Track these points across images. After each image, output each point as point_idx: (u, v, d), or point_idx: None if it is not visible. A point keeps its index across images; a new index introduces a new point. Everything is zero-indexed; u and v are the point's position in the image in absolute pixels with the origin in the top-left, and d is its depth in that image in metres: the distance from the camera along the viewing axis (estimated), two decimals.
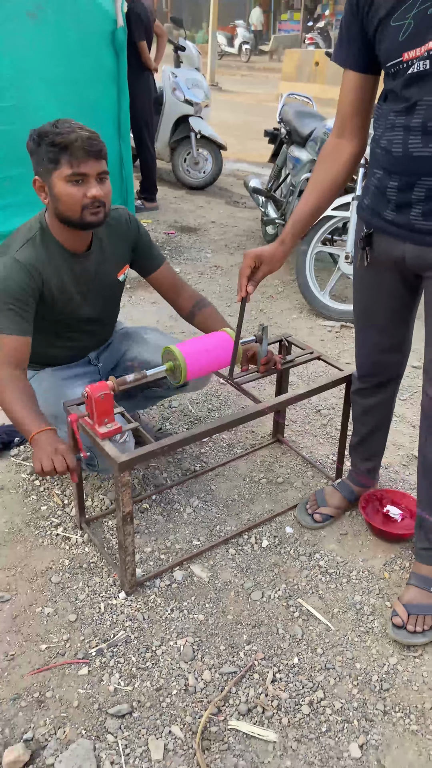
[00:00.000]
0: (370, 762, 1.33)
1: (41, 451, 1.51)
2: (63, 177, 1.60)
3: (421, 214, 1.34)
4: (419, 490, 1.63)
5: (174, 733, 1.37)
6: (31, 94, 3.66)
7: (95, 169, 1.62)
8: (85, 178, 1.61)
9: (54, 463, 1.48)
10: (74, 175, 1.60)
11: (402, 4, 1.24)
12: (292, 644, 1.58)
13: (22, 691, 1.44)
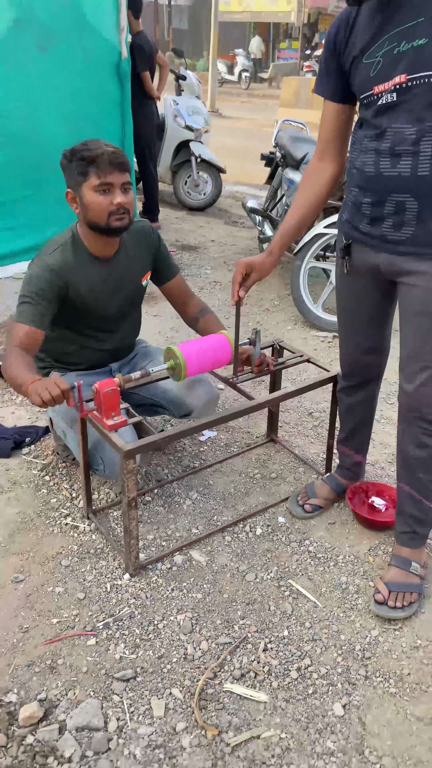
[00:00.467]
0: (352, 720, 1.47)
1: (36, 387, 1.61)
2: (91, 187, 1.80)
3: (392, 226, 1.52)
4: (398, 477, 1.79)
5: (174, 695, 1.51)
6: (40, 121, 3.88)
7: (120, 179, 1.81)
8: (111, 187, 1.81)
9: (49, 390, 1.59)
10: (101, 185, 1.79)
11: (372, 44, 1.43)
12: (282, 619, 1.72)
13: (35, 659, 1.59)
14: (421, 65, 1.35)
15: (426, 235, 1.48)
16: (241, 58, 21.51)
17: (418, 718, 1.48)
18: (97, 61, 4.12)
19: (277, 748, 1.40)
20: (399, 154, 1.44)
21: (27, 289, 1.86)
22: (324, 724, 1.46)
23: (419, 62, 1.35)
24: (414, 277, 1.54)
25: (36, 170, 4.00)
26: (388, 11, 1.39)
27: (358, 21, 1.47)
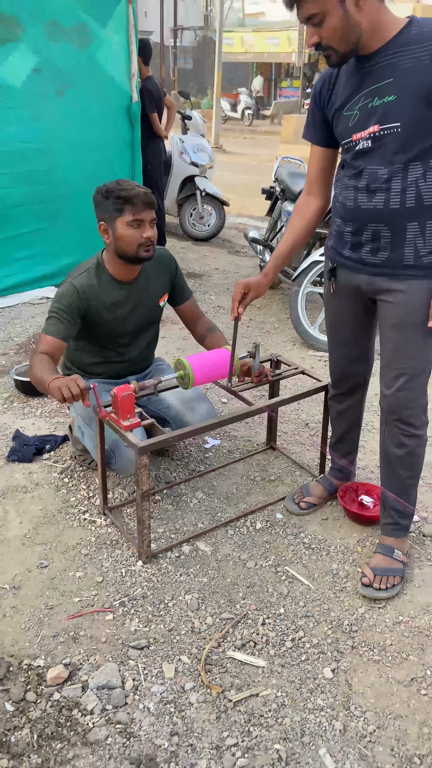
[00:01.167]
0: (340, 682, 1.67)
1: (57, 384, 1.84)
2: (125, 222, 2.07)
3: (369, 251, 1.77)
4: (382, 474, 2.01)
5: (183, 660, 1.71)
6: (58, 159, 4.21)
7: (149, 216, 2.08)
8: (142, 223, 2.08)
9: (69, 387, 1.81)
10: (134, 221, 2.07)
11: (350, 99, 1.70)
12: (279, 599, 1.93)
13: (60, 631, 1.79)
14: (391, 118, 1.62)
15: (399, 259, 1.73)
16: (244, 96, 22.24)
17: (398, 681, 1.67)
18: (110, 104, 4.47)
19: (274, 704, 1.60)
20: (374, 190, 1.70)
21: (55, 305, 2.13)
22: (315, 685, 1.65)
23: (389, 115, 1.62)
24: (390, 294, 1.79)
25: (52, 205, 4.32)
26: (363, 73, 1.66)
27: (338, 80, 1.75)
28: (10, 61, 3.92)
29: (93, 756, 1.45)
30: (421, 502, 2.38)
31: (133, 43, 4.44)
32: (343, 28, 1.58)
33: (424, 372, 1.85)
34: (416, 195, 1.66)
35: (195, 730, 1.52)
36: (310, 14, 1.59)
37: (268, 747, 1.49)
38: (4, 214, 4.14)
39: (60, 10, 4.07)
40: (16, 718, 1.54)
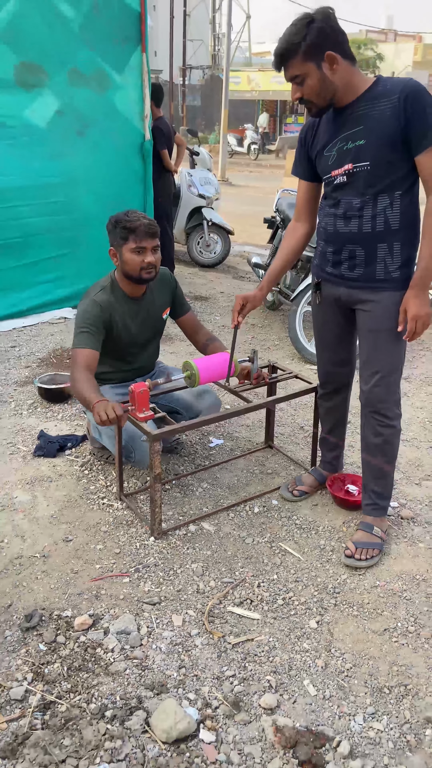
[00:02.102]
0: (323, 631, 1.95)
1: (100, 408, 2.15)
2: (130, 249, 2.41)
3: (347, 267, 2.11)
4: (362, 461, 2.32)
5: (189, 613, 2.00)
6: (76, 192, 4.61)
7: (151, 244, 2.43)
8: (144, 250, 2.42)
9: (108, 413, 2.12)
10: (137, 248, 2.41)
11: (329, 143, 2.06)
12: (272, 567, 2.22)
13: (84, 590, 2.09)
14: (362, 158, 1.97)
15: (372, 274, 2.07)
16: (250, 132, 23.02)
17: (373, 631, 1.96)
18: (125, 142, 4.89)
19: (266, 647, 1.89)
20: (349, 217, 2.04)
21: (83, 321, 2.45)
22: (301, 632, 1.94)
23: (360, 156, 1.97)
24: (365, 304, 2.12)
25: (71, 233, 4.72)
26: (339, 121, 2.02)
27: (320, 126, 2.11)
28: (37, 105, 4.35)
29: (114, 683, 1.74)
30: (401, 492, 2.67)
31: (146, 87, 4.87)
32: (320, 87, 1.95)
33: (396, 370, 2.17)
34: (384, 221, 2.01)
35: (199, 664, 1.81)
36: (293, 75, 1.96)
37: (261, 678, 1.77)
38: (28, 242, 4.53)
39: (81, 58, 4.50)
40: (49, 656, 1.83)
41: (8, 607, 2.01)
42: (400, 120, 1.89)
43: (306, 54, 1.91)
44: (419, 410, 3.44)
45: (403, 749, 1.59)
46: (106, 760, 1.51)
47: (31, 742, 1.56)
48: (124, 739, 1.56)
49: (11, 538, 2.33)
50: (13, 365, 3.90)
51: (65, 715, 1.63)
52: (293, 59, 1.93)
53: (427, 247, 1.98)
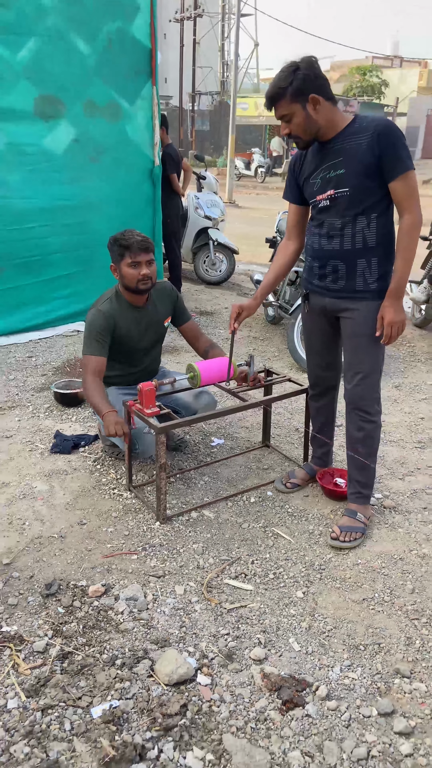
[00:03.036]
0: (308, 599, 2.20)
1: (109, 422, 2.48)
2: (126, 263, 2.71)
3: (331, 280, 2.39)
4: (347, 453, 2.57)
5: (190, 584, 2.26)
6: (90, 214, 4.94)
7: (145, 258, 2.72)
8: (139, 264, 2.72)
9: (116, 429, 2.45)
10: (133, 263, 2.70)
11: (314, 172, 2.35)
12: (265, 548, 2.47)
13: (97, 565, 2.35)
14: (342, 185, 2.26)
15: (352, 285, 2.35)
16: (257, 155, 23.55)
17: (353, 600, 2.20)
18: (136, 168, 5.23)
19: (257, 612, 2.13)
20: (332, 236, 2.33)
21: (91, 329, 2.74)
22: (289, 600, 2.19)
23: (341, 183, 2.26)
24: (348, 312, 2.40)
25: (84, 252, 5.04)
26: (323, 153, 2.31)
27: (306, 158, 2.40)
28: (55, 134, 4.70)
29: (123, 638, 1.99)
30: (386, 486, 2.92)
31: (156, 117, 5.22)
32: (305, 124, 2.25)
33: (375, 371, 2.44)
34: (363, 239, 2.29)
35: (198, 625, 2.06)
36: (282, 114, 2.26)
37: (251, 636, 2.02)
38: (45, 260, 4.85)
39: (96, 91, 4.86)
40: (66, 617, 2.09)
41: (30, 578, 2.27)
42: (374, 152, 2.19)
43: (292, 96, 2.21)
44: (407, 415, 3.70)
45: (374, 694, 1.83)
46: (116, 698, 1.77)
47: (51, 683, 1.82)
48: (132, 681, 1.82)
49: (32, 521, 2.60)
50: (30, 373, 4.20)
51: (81, 663, 1.89)
52: (282, 101, 2.23)
53: (400, 262, 2.26)
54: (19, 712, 1.73)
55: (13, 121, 4.48)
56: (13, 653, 1.93)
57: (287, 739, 1.67)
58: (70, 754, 1.61)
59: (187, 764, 1.59)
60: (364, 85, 30.81)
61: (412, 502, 2.79)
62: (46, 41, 4.52)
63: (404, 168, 2.20)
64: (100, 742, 1.63)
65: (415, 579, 2.30)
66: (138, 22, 4.99)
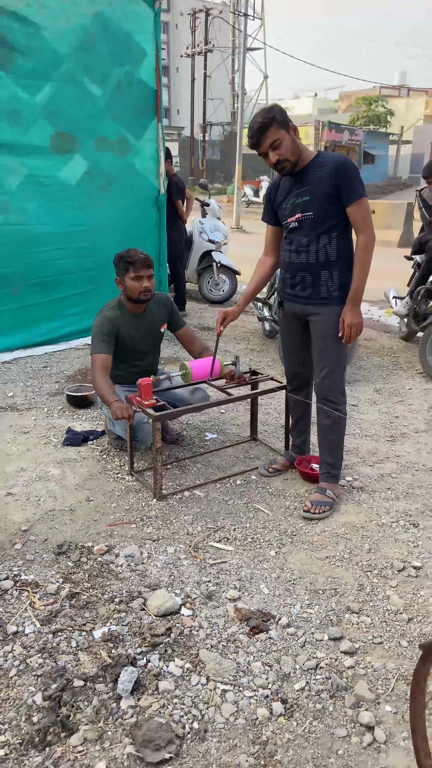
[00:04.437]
0: (280, 557, 2.59)
1: (116, 408, 2.90)
2: (130, 277, 3.16)
3: (300, 289, 2.82)
4: (318, 438, 2.97)
5: (180, 547, 2.65)
6: (101, 238, 5.43)
7: (146, 273, 3.17)
8: (140, 278, 3.17)
9: (122, 412, 2.88)
10: (135, 276, 3.16)
11: (286, 197, 2.80)
12: (246, 519, 2.87)
13: (102, 531, 2.75)
14: (308, 209, 2.70)
15: (317, 294, 2.78)
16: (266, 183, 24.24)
17: (317, 558, 2.58)
18: (142, 196, 5.74)
19: (235, 566, 2.52)
20: (300, 251, 2.77)
21: (98, 332, 3.19)
22: (263, 558, 2.58)
23: (307, 208, 2.71)
24: (314, 316, 2.82)
25: (94, 272, 5.52)
26: (292, 183, 2.76)
27: (280, 186, 2.85)
28: (69, 166, 5.22)
29: (121, 584, 2.39)
30: (357, 471, 3.31)
31: (161, 150, 5.75)
32: (292, 146, 2.67)
33: (339, 366, 2.85)
34: (325, 254, 2.73)
35: (184, 574, 2.46)
36: (272, 141, 2.66)
37: (229, 583, 2.41)
38: (58, 280, 5.34)
39: (106, 128, 5.39)
40: (74, 569, 2.49)
41: (45, 540, 2.68)
42: (333, 183, 2.63)
43: (278, 124, 2.63)
44: (383, 414, 4.09)
45: (327, 624, 2.21)
46: (114, 624, 2.16)
47: (61, 615, 2.22)
48: (127, 613, 2.21)
49: (46, 498, 3.02)
50: (45, 381, 4.65)
51: (86, 600, 2.29)
52: (270, 129, 2.63)
53: (357, 274, 2.70)
54: (35, 635, 2.13)
55: (32, 156, 5.01)
56: (30, 594, 2.34)
57: (251, 654, 2.05)
58: (75, 662, 2.00)
59: (169, 670, 1.98)
60: (370, 115, 31.62)
61: (378, 484, 3.18)
62: (62, 85, 5.07)
63: (358, 195, 2.64)
64: (99, 653, 2.03)
65: (372, 542, 2.68)
66: (144, 66, 5.54)
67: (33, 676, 1.95)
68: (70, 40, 5.04)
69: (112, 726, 1.79)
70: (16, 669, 1.98)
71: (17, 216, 5.01)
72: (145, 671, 1.97)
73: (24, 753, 1.72)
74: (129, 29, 5.38)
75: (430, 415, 4.08)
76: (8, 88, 4.80)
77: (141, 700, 1.87)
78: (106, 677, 1.94)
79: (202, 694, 1.90)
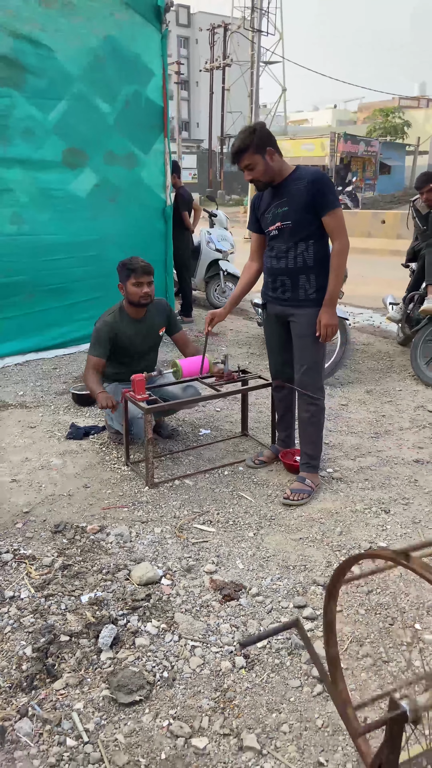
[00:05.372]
0: (257, 538, 2.80)
1: (101, 398, 3.17)
2: (131, 283, 3.43)
3: (280, 292, 3.06)
4: (299, 431, 3.19)
5: (166, 528, 2.88)
6: (108, 247, 5.71)
7: (146, 279, 3.44)
8: (141, 284, 3.43)
9: (106, 401, 3.14)
10: (136, 282, 3.42)
11: (267, 208, 3.04)
12: (230, 505, 3.09)
13: (96, 514, 3.00)
14: (286, 219, 2.94)
15: (296, 296, 3.01)
16: None
17: (292, 539, 2.80)
18: (149, 207, 6.02)
19: (215, 545, 2.75)
20: (280, 257, 3.01)
21: (96, 336, 3.45)
22: (241, 538, 2.80)
23: (285, 218, 2.95)
24: (294, 317, 3.06)
25: (103, 280, 5.80)
26: (273, 194, 3.00)
27: (263, 198, 3.09)
28: (79, 180, 5.52)
29: (110, 558, 2.63)
30: (339, 464, 3.52)
31: (167, 164, 6.03)
32: (264, 170, 2.93)
33: (316, 363, 3.08)
34: (303, 260, 2.96)
35: (168, 551, 2.69)
36: (246, 164, 2.94)
37: (208, 559, 2.64)
38: (69, 287, 5.63)
39: (115, 143, 5.69)
40: (68, 545, 2.73)
41: (43, 521, 2.94)
42: (309, 195, 2.87)
43: (255, 149, 2.90)
44: (371, 413, 4.30)
45: (293, 595, 2.42)
46: (100, 591, 2.40)
47: (53, 582, 2.46)
48: (112, 582, 2.45)
49: (47, 484, 3.28)
50: (53, 381, 4.93)
51: (77, 571, 2.53)
52: (246, 153, 2.92)
53: (332, 278, 2.93)
54: (29, 599, 2.38)
55: (44, 170, 5.32)
56: (28, 566, 2.59)
57: (221, 618, 2.28)
58: (63, 621, 2.25)
59: (146, 629, 2.21)
60: (387, 126, 31.82)
61: (356, 475, 3.38)
62: (73, 103, 5.38)
63: (332, 206, 2.88)
64: (85, 614, 2.27)
65: (345, 526, 2.89)
66: (152, 85, 5.84)
67: (25, 632, 2.20)
68: (81, 62, 5.36)
69: (92, 674, 2.02)
70: (10, 627, 2.23)
71: (30, 226, 5.32)
72: (124, 629, 2.20)
73: (13, 695, 1.96)
74: (137, 51, 5.68)
75: (415, 414, 4.27)
76: (23, 107, 5.12)
77: (119, 653, 2.10)
78: (90, 634, 2.17)
79: (174, 649, 2.13)
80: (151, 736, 1.81)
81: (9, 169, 5.15)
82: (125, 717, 1.87)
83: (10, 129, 5.08)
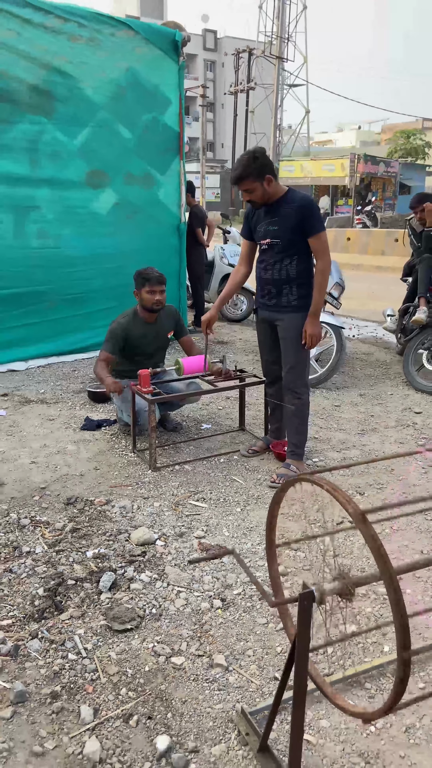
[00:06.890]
0: (244, 513, 3.18)
1: (108, 383, 3.61)
2: (146, 290, 3.87)
3: (268, 299, 3.46)
4: (286, 423, 3.58)
5: (164, 503, 3.28)
6: (125, 260, 6.17)
7: (159, 288, 3.88)
8: (154, 292, 3.87)
9: (114, 387, 3.57)
10: (150, 290, 3.86)
11: (259, 223, 3.45)
12: (223, 487, 3.48)
13: (103, 490, 3.40)
14: (276, 236, 3.35)
15: (281, 303, 3.41)
16: None
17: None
18: (165, 224, 6.49)
19: (206, 517, 3.13)
20: (268, 269, 3.42)
21: (110, 335, 3.90)
22: (230, 512, 3.18)
23: (275, 235, 3.36)
24: (280, 321, 3.46)
25: (120, 291, 6.25)
26: (266, 212, 3.42)
27: (258, 213, 3.51)
28: (101, 199, 6.02)
29: (114, 525, 3.03)
30: (326, 456, 3.88)
31: (182, 184, 6.51)
32: (261, 194, 3.35)
33: (300, 363, 3.47)
34: (286, 272, 3.37)
35: (164, 521, 3.08)
36: (245, 188, 3.36)
37: (199, 527, 3.03)
38: (88, 296, 6.11)
39: (134, 165, 6.18)
40: (78, 514, 3.14)
41: (57, 495, 3.35)
42: (297, 217, 3.28)
43: (254, 177, 3.31)
44: (360, 413, 4.66)
45: None
46: (103, 548, 2.80)
47: (64, 541, 2.87)
48: (114, 542, 2.85)
49: (62, 466, 3.70)
50: (72, 382, 5.38)
51: (84, 533, 2.94)
52: (246, 180, 3.33)
53: (316, 293, 3.34)
54: (42, 553, 2.78)
55: (69, 190, 5.82)
56: (42, 529, 3.00)
57: (205, 571, 2.66)
58: (71, 570, 2.65)
59: (141, 578, 2.60)
60: (408, 147, 32.26)
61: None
62: (97, 129, 5.89)
63: (317, 230, 3.29)
64: (89, 565, 2.67)
65: (322, 504, 3.25)
66: (169, 112, 6.35)
67: (38, 578, 2.60)
68: (105, 92, 5.88)
69: (92, 609, 2.42)
70: (26, 573, 2.63)
71: (54, 241, 5.82)
72: (122, 577, 2.60)
73: (26, 623, 2.36)
74: (156, 81, 6.20)
75: (402, 414, 4.62)
76: (51, 133, 5.64)
77: (116, 594, 2.50)
78: (92, 579, 2.57)
79: (163, 593, 2.51)
80: (138, 654, 2.20)
81: (38, 188, 5.66)
82: (118, 640, 2.26)
83: (39, 152, 5.59)
